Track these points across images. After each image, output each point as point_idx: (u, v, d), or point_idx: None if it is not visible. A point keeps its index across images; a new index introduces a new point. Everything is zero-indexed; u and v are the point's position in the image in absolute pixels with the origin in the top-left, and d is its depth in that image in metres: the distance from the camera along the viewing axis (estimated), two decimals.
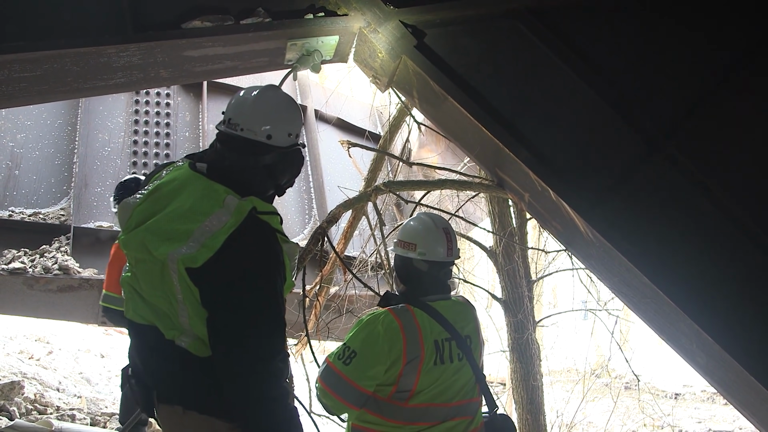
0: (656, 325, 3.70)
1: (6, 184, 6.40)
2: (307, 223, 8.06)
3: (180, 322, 2.41)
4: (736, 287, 3.09)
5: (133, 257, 2.50)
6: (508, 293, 7.30)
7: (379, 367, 2.89)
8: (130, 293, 2.55)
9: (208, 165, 2.53)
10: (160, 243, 2.36)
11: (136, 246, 2.43)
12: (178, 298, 2.38)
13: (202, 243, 2.32)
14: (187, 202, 2.42)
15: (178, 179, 2.52)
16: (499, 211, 7.24)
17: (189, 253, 2.30)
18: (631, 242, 3.13)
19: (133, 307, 2.54)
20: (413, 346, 2.91)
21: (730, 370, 3.14)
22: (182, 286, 2.34)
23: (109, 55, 3.40)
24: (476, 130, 3.43)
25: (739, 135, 3.25)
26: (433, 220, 3.26)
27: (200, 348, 2.41)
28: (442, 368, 2.97)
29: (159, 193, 2.49)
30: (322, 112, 9.09)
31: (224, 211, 2.38)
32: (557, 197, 3.28)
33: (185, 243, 2.33)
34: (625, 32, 3.39)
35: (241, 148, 2.52)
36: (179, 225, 2.38)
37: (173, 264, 2.32)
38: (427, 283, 3.18)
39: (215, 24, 3.45)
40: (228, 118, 2.55)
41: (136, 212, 2.47)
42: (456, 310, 3.16)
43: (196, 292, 2.34)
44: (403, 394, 2.92)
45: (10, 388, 6.68)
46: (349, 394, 2.91)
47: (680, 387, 16.24)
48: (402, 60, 3.47)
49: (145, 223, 2.43)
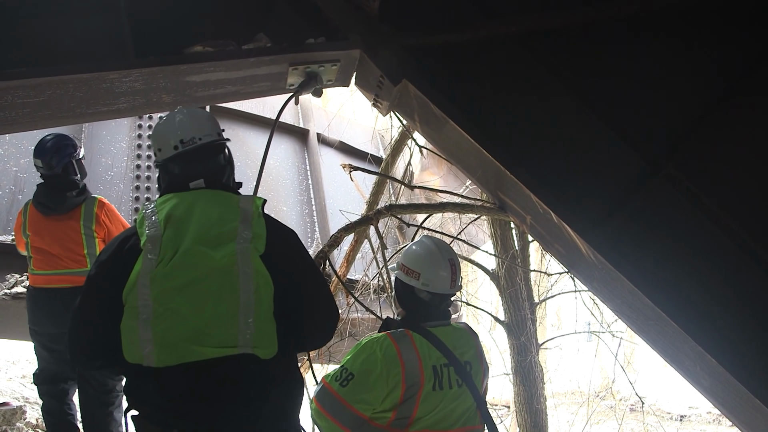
0: (660, 347, 3.68)
1: (9, 209, 6.41)
2: (309, 247, 8.06)
3: (240, 330, 2.40)
4: (739, 308, 3.08)
5: (172, 288, 2.42)
6: (511, 316, 7.29)
7: (376, 392, 2.87)
8: (164, 335, 2.40)
9: (204, 180, 2.73)
10: (215, 250, 2.46)
11: (185, 268, 2.43)
12: (245, 299, 2.42)
13: (252, 233, 2.52)
14: (211, 212, 2.58)
15: (181, 203, 2.61)
16: (502, 233, 7.25)
17: (252, 244, 2.49)
18: (633, 263, 3.12)
19: (168, 351, 2.40)
20: (412, 372, 2.89)
21: (735, 392, 3.12)
22: (257, 280, 2.45)
23: (111, 81, 3.42)
24: (477, 153, 3.43)
25: (740, 153, 3.25)
26: (439, 248, 3.24)
27: (264, 348, 2.45)
28: (441, 394, 2.95)
29: (174, 218, 2.55)
30: (324, 136, 9.12)
31: (245, 208, 2.62)
32: (559, 219, 3.28)
33: (235, 240, 2.49)
34: (624, 52, 3.40)
35: (210, 154, 2.81)
36: (220, 229, 2.52)
37: (246, 256, 2.46)
38: (428, 310, 3.16)
39: (217, 49, 3.47)
40: (179, 142, 2.74)
41: (165, 242, 2.48)
42: (456, 336, 3.14)
43: (270, 282, 2.48)
44: (403, 421, 2.90)
45: (12, 413, 6.66)
46: (345, 416, 2.88)
47: (686, 409, 16.15)
48: (403, 84, 3.48)
49: (182, 245, 2.47)
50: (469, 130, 3.36)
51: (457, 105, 3.39)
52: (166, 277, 2.42)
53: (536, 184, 3.30)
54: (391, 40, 3.50)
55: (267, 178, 7.99)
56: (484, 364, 3.22)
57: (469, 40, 3.48)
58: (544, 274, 8.29)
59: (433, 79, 3.43)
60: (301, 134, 9.07)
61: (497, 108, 3.43)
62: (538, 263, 9.11)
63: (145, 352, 2.38)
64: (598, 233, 3.19)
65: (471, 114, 3.39)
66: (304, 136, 9.05)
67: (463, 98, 3.41)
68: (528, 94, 3.43)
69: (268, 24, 3.65)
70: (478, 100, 3.42)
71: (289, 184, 8.48)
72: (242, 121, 8.48)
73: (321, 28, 3.61)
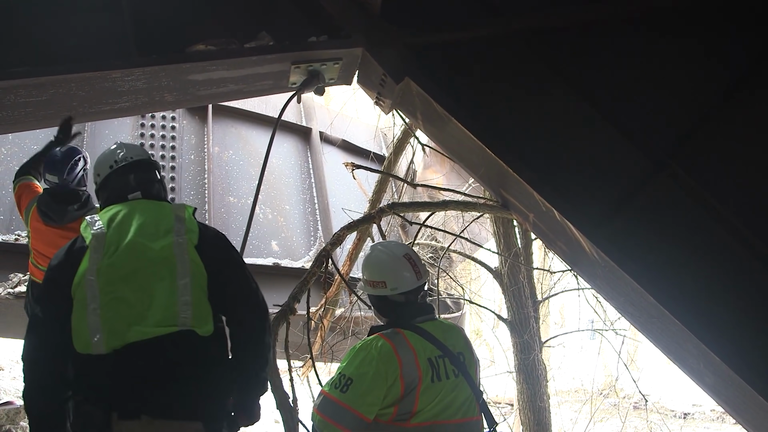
0: (663, 345, 3.68)
1: (12, 209, 6.41)
2: (312, 245, 8.06)
3: (179, 307, 2.66)
4: (742, 306, 3.08)
5: (118, 278, 2.67)
6: (514, 314, 7.29)
7: (377, 391, 2.88)
8: (112, 321, 2.60)
9: (141, 192, 3.01)
10: (154, 242, 2.75)
11: (128, 259, 2.70)
12: (182, 282, 2.69)
13: (186, 229, 2.83)
14: (149, 215, 2.87)
15: (121, 211, 2.90)
16: (504, 231, 7.24)
17: (186, 236, 2.78)
18: (636, 262, 3.12)
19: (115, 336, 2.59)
20: (409, 367, 2.91)
21: (739, 389, 3.12)
22: (192, 266, 2.73)
23: (113, 80, 3.42)
24: (480, 151, 3.43)
25: (744, 152, 3.24)
26: (390, 251, 3.29)
27: (202, 326, 2.69)
28: (439, 385, 2.96)
29: (116, 221, 2.83)
30: (327, 134, 9.13)
31: (177, 212, 2.91)
32: (562, 217, 3.27)
33: (173, 234, 2.79)
34: (627, 51, 3.40)
35: (144, 167, 3.10)
36: (159, 227, 2.81)
37: (181, 246, 2.75)
38: (409, 309, 3.18)
39: (219, 47, 3.47)
40: (113, 162, 3.06)
41: (110, 238, 2.76)
42: (443, 328, 3.17)
43: (203, 269, 2.75)
44: (405, 416, 2.91)
45: (16, 412, 6.67)
46: (350, 420, 2.89)
47: (689, 406, 16.13)
48: (405, 82, 3.48)
49: (125, 240, 2.75)
50: (472, 128, 3.36)
51: (460, 103, 3.39)
52: (111, 267, 2.67)
53: (539, 182, 3.30)
54: (394, 38, 3.50)
55: (269, 176, 8.00)
56: (475, 355, 3.25)
57: (473, 38, 3.48)
58: (547, 272, 8.29)
59: (436, 77, 3.43)
60: (304, 132, 9.08)
61: (500, 106, 3.43)
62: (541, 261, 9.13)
63: (94, 341, 2.57)
64: (602, 231, 3.18)
65: (474, 112, 3.38)
66: (306, 134, 9.06)
67: (466, 96, 3.41)
68: (531, 92, 3.43)
69: (270, 22, 3.65)
70: (481, 98, 3.42)
71: (292, 182, 8.48)
72: (245, 120, 8.49)
73: (323, 26, 3.60)
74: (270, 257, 7.49)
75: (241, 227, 7.31)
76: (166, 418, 2.56)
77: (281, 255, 7.63)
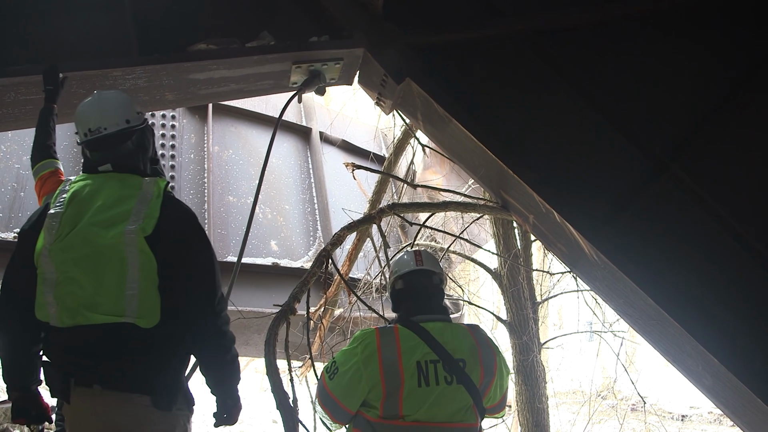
0: (662, 347, 3.67)
1: (11, 206, 6.40)
2: (311, 245, 8.05)
3: (126, 301, 2.71)
4: (742, 308, 3.07)
5: (70, 260, 2.75)
6: (513, 315, 7.29)
7: (355, 391, 2.96)
8: (65, 299, 2.76)
9: (111, 164, 2.97)
10: (107, 230, 2.75)
11: (79, 244, 2.75)
12: (131, 275, 2.72)
13: (144, 214, 2.79)
14: (113, 193, 2.86)
15: (89, 184, 2.92)
16: (504, 232, 7.24)
17: (139, 225, 2.74)
18: (636, 264, 3.12)
19: (68, 314, 2.75)
20: (390, 369, 2.92)
21: (737, 391, 3.12)
22: (141, 258, 2.73)
23: (114, 78, 3.43)
24: (480, 152, 3.43)
25: (745, 154, 3.24)
26: (406, 253, 3.41)
27: (146, 318, 2.74)
28: (427, 391, 2.90)
29: (79, 197, 2.87)
30: (327, 134, 9.11)
31: (146, 189, 2.88)
32: (561, 219, 3.27)
33: (129, 221, 2.76)
34: (628, 52, 3.40)
35: (116, 142, 2.98)
36: (116, 210, 2.80)
37: (131, 237, 2.72)
38: (413, 302, 3.20)
39: (220, 47, 3.47)
40: (87, 130, 2.98)
41: (65, 219, 2.81)
42: (448, 331, 3.07)
43: (153, 260, 2.75)
44: (393, 417, 2.92)
45: None
46: (334, 409, 3.01)
47: (687, 408, 16.15)
48: (406, 82, 3.48)
49: (79, 224, 2.79)
50: (472, 128, 3.36)
51: (461, 104, 3.39)
52: (63, 250, 2.76)
53: (540, 183, 3.30)
54: (395, 38, 3.50)
55: (269, 176, 7.99)
56: (485, 362, 3.07)
57: (474, 39, 3.48)
58: (547, 273, 8.29)
59: (437, 78, 3.43)
60: (304, 132, 9.06)
61: (501, 107, 3.43)
62: (541, 262, 9.12)
63: (51, 313, 2.77)
64: (602, 233, 3.18)
65: (474, 113, 3.38)
66: (306, 134, 9.05)
67: (466, 97, 3.41)
68: (532, 94, 3.43)
69: (271, 22, 3.65)
70: (482, 98, 3.42)
71: (292, 182, 8.47)
72: (245, 119, 8.47)
73: (325, 26, 3.61)
74: (269, 257, 7.48)
75: (241, 227, 7.30)
76: (115, 389, 2.72)
77: (280, 255, 7.62)
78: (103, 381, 2.72)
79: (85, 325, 2.72)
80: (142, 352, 2.75)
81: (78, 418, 2.79)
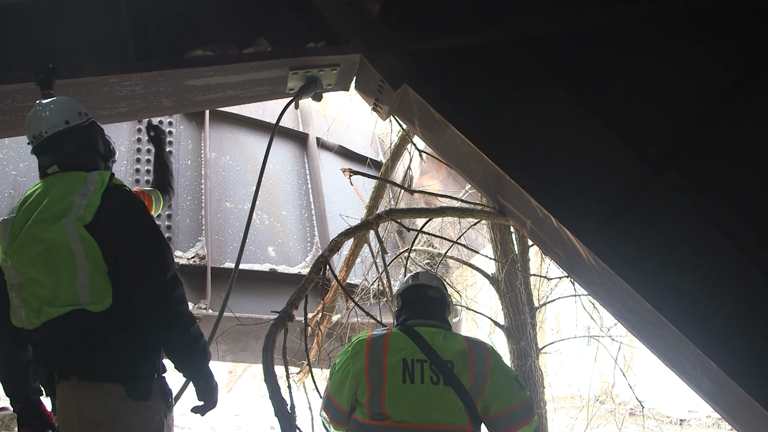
0: (660, 351, 3.67)
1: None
2: (308, 251, 8.05)
3: (78, 289, 2.81)
4: (740, 312, 3.07)
5: (26, 261, 2.88)
6: (510, 320, 7.28)
7: (345, 385, 3.07)
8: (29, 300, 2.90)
9: (57, 165, 3.07)
10: (51, 224, 2.83)
11: (28, 242, 2.87)
12: (80, 264, 2.81)
13: (86, 204, 2.86)
14: (59, 190, 2.94)
15: (39, 188, 3.03)
16: (501, 238, 7.24)
17: (79, 214, 2.82)
18: (633, 267, 3.12)
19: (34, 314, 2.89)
20: (375, 364, 3.02)
21: (735, 395, 3.12)
22: (84, 246, 2.81)
23: (111, 85, 3.43)
24: (477, 157, 3.43)
25: (742, 157, 3.24)
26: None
27: (98, 303, 2.82)
28: (411, 387, 2.95)
29: (28, 201, 2.98)
30: (324, 140, 9.10)
31: (90, 182, 2.96)
32: (559, 224, 3.27)
33: (71, 212, 2.83)
34: (624, 54, 3.40)
35: (58, 142, 3.08)
36: (60, 205, 2.87)
37: (72, 228, 2.80)
38: (408, 312, 3.32)
39: (217, 53, 3.48)
40: (32, 138, 3.11)
41: (16, 223, 2.95)
42: (442, 336, 3.13)
43: (96, 246, 2.82)
44: (379, 416, 2.96)
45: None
46: (333, 411, 3.13)
47: (685, 413, 16.13)
48: (403, 88, 3.48)
49: (26, 225, 2.90)
50: (469, 134, 3.36)
51: (458, 109, 3.40)
52: (17, 252, 2.91)
53: (536, 188, 3.30)
54: (392, 44, 3.50)
55: (266, 182, 7.99)
56: (477, 364, 3.07)
57: (470, 44, 3.49)
58: (544, 278, 8.26)
59: (434, 84, 3.44)
60: (301, 138, 9.06)
61: (498, 112, 3.43)
62: (538, 267, 9.10)
63: (21, 317, 2.93)
64: (599, 238, 3.18)
65: (471, 118, 3.39)
66: (303, 140, 9.04)
67: (463, 102, 3.41)
68: (528, 98, 3.43)
69: (268, 28, 3.65)
70: (479, 103, 3.43)
71: (289, 188, 8.47)
72: (242, 126, 8.47)
73: (321, 32, 3.61)
74: (266, 263, 7.47)
75: (238, 233, 7.30)
76: (89, 379, 2.81)
77: (278, 261, 7.61)
78: (78, 371, 2.81)
79: (49, 321, 2.84)
80: (99, 337, 2.83)
81: (62, 412, 2.88)
